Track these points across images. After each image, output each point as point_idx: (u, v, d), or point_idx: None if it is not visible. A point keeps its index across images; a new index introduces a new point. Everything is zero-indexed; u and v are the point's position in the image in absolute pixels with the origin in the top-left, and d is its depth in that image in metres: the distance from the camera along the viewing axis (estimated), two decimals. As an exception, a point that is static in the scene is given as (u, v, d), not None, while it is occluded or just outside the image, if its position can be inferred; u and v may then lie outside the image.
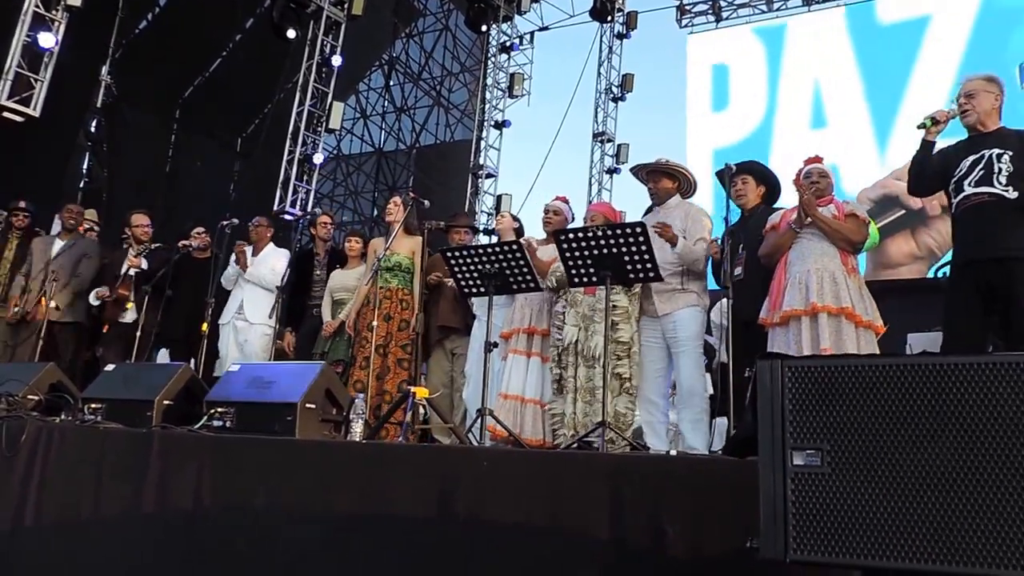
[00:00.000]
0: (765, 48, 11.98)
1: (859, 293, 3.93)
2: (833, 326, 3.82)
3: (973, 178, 3.60)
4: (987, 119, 3.71)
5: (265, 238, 6.26)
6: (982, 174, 3.58)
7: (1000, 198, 3.51)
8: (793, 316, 3.91)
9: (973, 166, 3.62)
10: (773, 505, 1.81)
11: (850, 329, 3.82)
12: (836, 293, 3.87)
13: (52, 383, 4.46)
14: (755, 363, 1.92)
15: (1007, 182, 3.50)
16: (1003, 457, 1.61)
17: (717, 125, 11.99)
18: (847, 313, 3.82)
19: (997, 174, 3.53)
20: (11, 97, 7.58)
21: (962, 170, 3.66)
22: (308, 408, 3.65)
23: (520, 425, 4.52)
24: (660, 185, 4.65)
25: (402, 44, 14.74)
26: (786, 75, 11.59)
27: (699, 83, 12.47)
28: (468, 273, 4.33)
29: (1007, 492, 1.59)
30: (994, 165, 3.55)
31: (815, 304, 3.85)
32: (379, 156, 14.73)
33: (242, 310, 5.96)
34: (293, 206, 10.78)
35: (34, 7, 7.72)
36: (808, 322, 3.86)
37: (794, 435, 1.82)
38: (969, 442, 1.65)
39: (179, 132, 12.45)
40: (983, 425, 1.65)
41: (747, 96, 11.80)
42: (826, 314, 3.83)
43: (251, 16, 12.21)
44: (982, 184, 3.56)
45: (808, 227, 4.06)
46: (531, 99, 14.62)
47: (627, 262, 3.88)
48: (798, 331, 3.89)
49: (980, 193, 3.56)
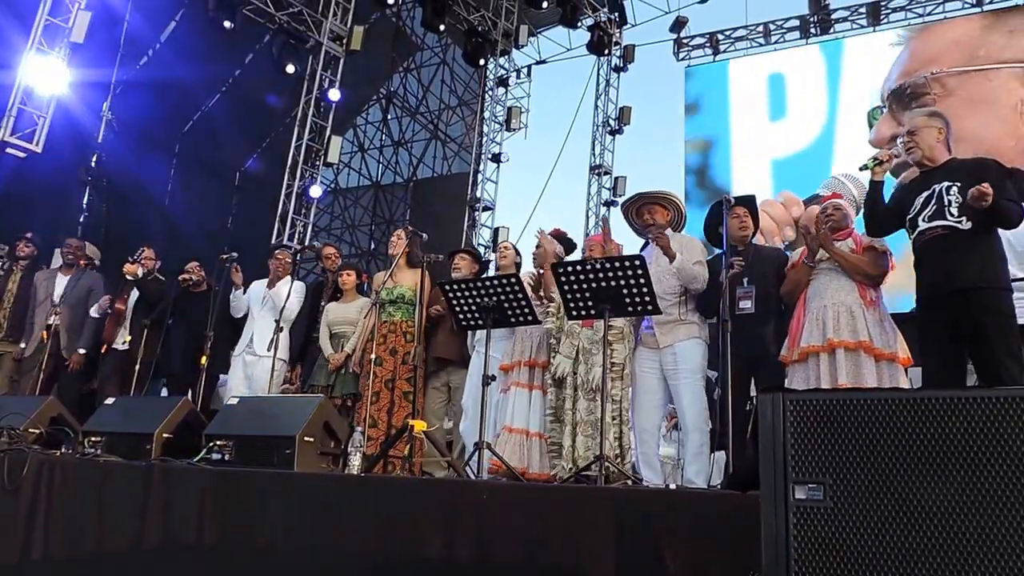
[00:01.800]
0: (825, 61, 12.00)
1: (880, 326, 3.92)
2: (852, 361, 3.82)
3: (926, 214, 3.61)
4: (933, 153, 3.73)
5: (286, 271, 6.18)
6: (935, 209, 3.58)
7: (954, 230, 3.51)
8: (811, 352, 3.91)
9: (926, 202, 3.63)
10: (775, 539, 1.81)
11: (869, 363, 3.81)
12: (853, 327, 3.86)
13: (53, 416, 4.47)
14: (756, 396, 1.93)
15: (959, 213, 3.51)
16: (1005, 491, 1.61)
17: (775, 134, 11.87)
18: (865, 347, 3.82)
19: (948, 207, 3.53)
20: (14, 133, 7.67)
21: (916, 207, 3.67)
22: (307, 441, 3.66)
23: (527, 459, 4.50)
24: (655, 216, 4.67)
25: (400, 78, 14.90)
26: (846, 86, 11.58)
27: (753, 93, 12.38)
28: (466, 306, 4.33)
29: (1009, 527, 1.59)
30: (944, 198, 3.56)
31: (832, 340, 3.85)
32: (376, 189, 14.82)
33: (252, 343, 5.95)
34: (291, 240, 10.81)
35: (37, 44, 7.82)
36: (826, 358, 3.86)
37: (796, 469, 1.82)
38: (971, 476, 1.65)
39: (178, 166, 12.52)
40: (985, 459, 1.65)
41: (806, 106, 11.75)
42: (843, 349, 3.82)
43: (251, 51, 12.34)
44: (935, 218, 3.57)
45: (825, 262, 4.08)
46: (528, 132, 14.73)
47: (626, 295, 3.89)
48: (816, 367, 3.89)
49: (934, 227, 3.57)
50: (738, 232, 4.54)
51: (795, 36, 12.78)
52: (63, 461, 3.87)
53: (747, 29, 13.15)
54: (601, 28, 13.82)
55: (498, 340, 4.85)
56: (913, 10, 11.98)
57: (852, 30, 12.35)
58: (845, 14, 12.46)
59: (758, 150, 11.91)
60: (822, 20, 12.50)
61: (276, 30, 10.69)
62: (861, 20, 12.29)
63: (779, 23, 12.94)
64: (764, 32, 13.01)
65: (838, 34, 12.44)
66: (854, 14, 12.37)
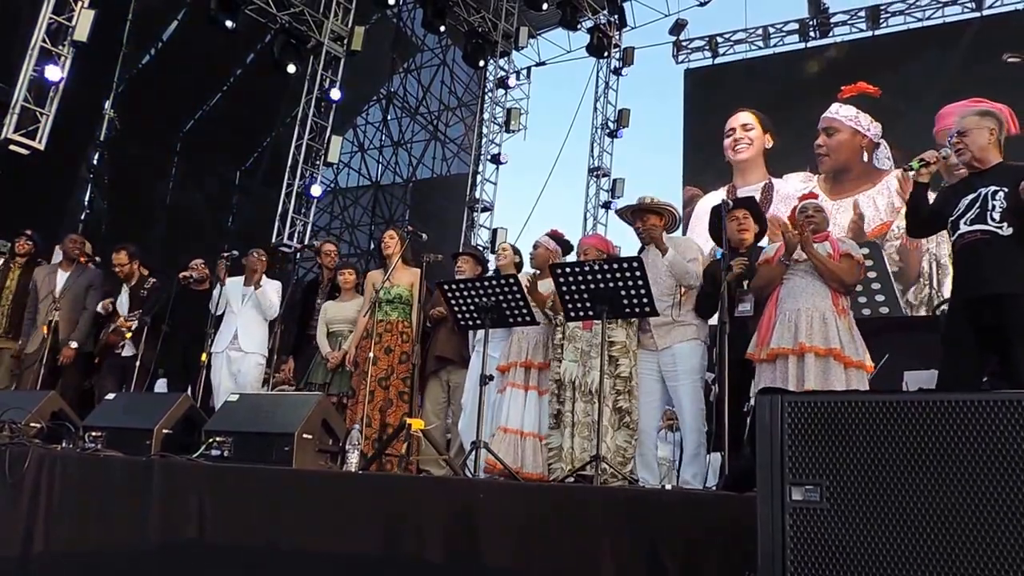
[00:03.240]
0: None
1: (849, 334, 3.92)
2: (820, 366, 3.81)
3: (968, 217, 3.53)
4: (984, 155, 3.61)
5: (263, 270, 6.20)
6: (977, 212, 3.50)
7: (994, 235, 3.43)
8: (781, 354, 3.91)
9: (970, 205, 3.54)
10: (771, 540, 1.81)
11: (838, 370, 3.81)
12: (825, 334, 3.86)
13: (54, 411, 4.48)
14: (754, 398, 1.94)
15: (1000, 218, 3.43)
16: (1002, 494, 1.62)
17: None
18: (835, 354, 3.81)
19: (991, 211, 3.45)
20: (18, 131, 7.67)
21: (959, 209, 3.59)
22: (305, 438, 3.68)
23: (520, 459, 4.52)
24: (649, 223, 4.66)
25: (400, 79, 14.89)
26: None
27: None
28: (465, 306, 4.35)
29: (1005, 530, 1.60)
30: (988, 203, 3.47)
31: (803, 344, 3.84)
32: (376, 189, 14.81)
33: (236, 339, 5.92)
34: (291, 239, 10.84)
35: (41, 42, 7.83)
36: (795, 361, 3.85)
37: (793, 470, 1.83)
38: (968, 479, 1.66)
39: (179, 165, 12.53)
40: (982, 462, 1.66)
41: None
42: (813, 355, 3.81)
43: (251, 51, 12.36)
44: (976, 222, 3.49)
45: (801, 264, 4.06)
46: (527, 133, 14.77)
47: (623, 296, 3.91)
48: (784, 369, 3.87)
49: (974, 231, 3.49)
50: (737, 235, 4.50)
51: (794, 39, 12.84)
52: (64, 456, 3.88)
53: (746, 32, 13.19)
54: (601, 30, 13.84)
55: (497, 341, 4.87)
56: (912, 14, 12.02)
57: (851, 33, 12.41)
58: (844, 17, 12.51)
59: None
60: (821, 23, 12.54)
61: (277, 30, 10.72)
62: (860, 23, 12.33)
63: (778, 26, 12.99)
64: (763, 35, 13.06)
65: (837, 37, 12.49)
66: (853, 17, 12.42)
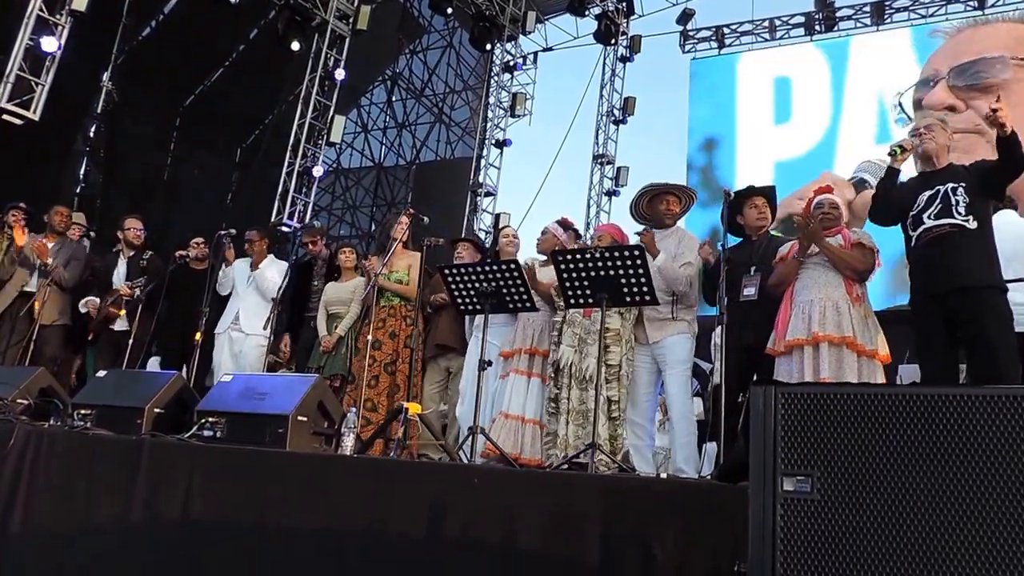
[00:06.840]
0: (828, 62, 12.07)
1: (864, 322, 3.93)
2: (834, 355, 3.83)
3: (932, 211, 3.71)
4: (940, 154, 3.88)
5: (262, 251, 6.20)
6: (941, 207, 3.69)
7: (962, 228, 3.62)
8: (796, 346, 3.93)
9: (931, 200, 3.73)
10: (762, 530, 1.82)
11: (851, 359, 3.82)
12: (838, 323, 3.87)
13: (42, 387, 4.42)
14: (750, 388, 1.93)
15: (966, 212, 3.62)
16: (992, 488, 1.63)
17: (779, 138, 12.01)
18: (848, 343, 3.83)
19: (955, 206, 3.64)
20: (11, 100, 7.59)
21: (920, 204, 3.77)
22: (300, 421, 3.65)
23: (520, 445, 4.52)
24: (670, 208, 4.69)
25: (406, 60, 14.81)
26: (850, 89, 11.67)
27: (759, 96, 12.49)
28: (465, 291, 4.33)
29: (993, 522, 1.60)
30: (951, 198, 3.67)
31: (817, 334, 3.86)
32: (379, 171, 14.76)
33: (238, 320, 5.93)
34: (291, 218, 10.78)
35: (38, 11, 7.75)
36: (810, 351, 3.87)
37: (785, 461, 1.84)
38: (958, 472, 1.67)
39: (178, 140, 12.45)
40: (972, 456, 1.67)
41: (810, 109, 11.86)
42: (827, 344, 3.83)
43: (255, 27, 12.26)
44: (942, 216, 3.67)
45: (814, 256, 4.08)
46: (532, 119, 14.70)
47: (624, 284, 3.90)
48: (800, 360, 3.90)
49: (941, 225, 3.66)
50: (756, 222, 4.57)
51: (800, 33, 12.87)
52: (51, 433, 3.84)
53: (753, 24, 13.18)
54: (609, 17, 13.79)
55: (500, 327, 4.87)
56: (916, 11, 12.06)
57: (856, 28, 12.42)
58: (850, 12, 12.57)
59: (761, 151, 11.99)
60: (827, 18, 12.61)
61: (282, 6, 10.60)
62: (865, 19, 12.37)
63: (784, 19, 13.03)
64: (769, 28, 13.08)
65: (842, 32, 12.48)
66: (859, 13, 12.46)
